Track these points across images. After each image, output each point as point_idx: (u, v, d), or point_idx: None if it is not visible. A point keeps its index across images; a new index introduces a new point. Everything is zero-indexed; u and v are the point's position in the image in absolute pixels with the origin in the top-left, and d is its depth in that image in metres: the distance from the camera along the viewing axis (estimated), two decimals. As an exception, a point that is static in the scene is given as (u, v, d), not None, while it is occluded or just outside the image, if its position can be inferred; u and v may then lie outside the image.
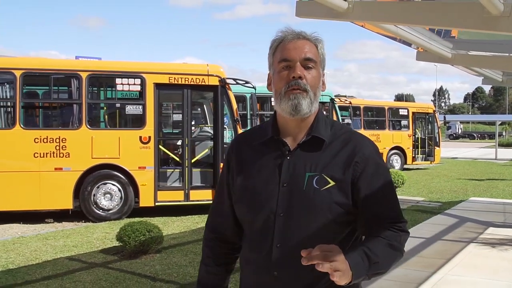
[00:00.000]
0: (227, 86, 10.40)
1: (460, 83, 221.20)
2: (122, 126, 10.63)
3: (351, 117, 18.85)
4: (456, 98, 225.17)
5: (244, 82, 10.75)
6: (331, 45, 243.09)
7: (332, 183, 1.72)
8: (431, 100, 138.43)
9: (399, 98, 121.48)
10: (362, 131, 20.58)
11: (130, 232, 6.96)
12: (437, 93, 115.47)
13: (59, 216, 10.25)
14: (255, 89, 10.87)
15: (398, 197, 6.54)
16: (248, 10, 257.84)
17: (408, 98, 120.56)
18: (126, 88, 10.14)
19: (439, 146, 23.58)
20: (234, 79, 10.60)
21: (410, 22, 5.20)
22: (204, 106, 12.41)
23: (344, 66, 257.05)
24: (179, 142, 10.93)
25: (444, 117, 27.48)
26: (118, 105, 10.74)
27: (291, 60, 1.75)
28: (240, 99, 13.61)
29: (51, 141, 9.73)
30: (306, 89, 1.74)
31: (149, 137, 10.05)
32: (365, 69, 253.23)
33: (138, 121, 10.29)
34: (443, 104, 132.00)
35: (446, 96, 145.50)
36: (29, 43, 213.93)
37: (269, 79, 1.86)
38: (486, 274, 6.36)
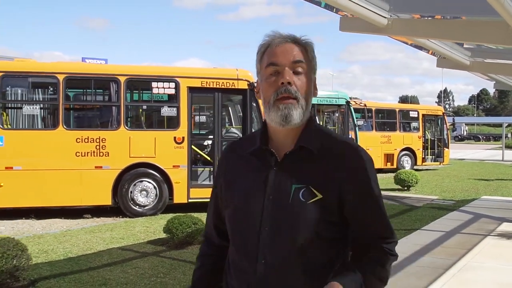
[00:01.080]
0: (255, 90, 11.03)
1: (464, 85, 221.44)
2: (157, 127, 11.28)
3: (366, 119, 19.45)
4: (460, 100, 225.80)
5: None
6: (335, 47, 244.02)
7: (319, 196, 1.64)
8: (435, 102, 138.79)
9: (403, 100, 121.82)
10: (374, 133, 21.39)
11: (178, 225, 7.61)
12: (442, 94, 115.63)
13: (95, 212, 10.90)
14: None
15: (413, 195, 7.61)
16: (251, 12, 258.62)
17: (413, 100, 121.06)
18: (161, 91, 10.82)
19: (448, 148, 24.20)
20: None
21: (441, 37, 5.84)
22: (229, 108, 13.05)
23: (348, 68, 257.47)
24: (209, 142, 11.57)
25: (453, 119, 28.13)
26: (154, 107, 11.41)
27: (279, 65, 1.66)
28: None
29: (92, 141, 10.40)
30: (297, 97, 1.66)
31: (183, 138, 10.71)
32: (368, 70, 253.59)
33: (172, 123, 10.95)
34: (447, 106, 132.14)
35: (451, 98, 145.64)
36: (34, 44, 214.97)
37: (257, 86, 1.78)
38: (505, 262, 7.00)
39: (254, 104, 11.05)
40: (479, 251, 7.56)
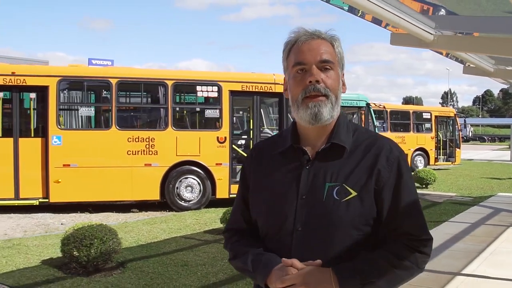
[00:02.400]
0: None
1: (467, 86, 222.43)
2: (202, 127, 12.14)
3: (385, 120, 20.32)
4: (464, 100, 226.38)
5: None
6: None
7: (353, 193, 1.61)
8: (439, 103, 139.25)
9: (407, 101, 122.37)
10: (388, 134, 22.23)
11: (234, 215, 8.48)
12: (449, 95, 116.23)
13: (139, 206, 11.76)
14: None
15: (432, 193, 8.81)
16: (254, 12, 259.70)
17: (417, 101, 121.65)
18: (205, 94, 11.71)
19: (459, 148, 25.03)
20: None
21: (479, 51, 6.71)
22: (266, 110, 13.92)
23: (351, 68, 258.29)
24: (248, 142, 12.43)
25: (464, 120, 29.02)
26: (198, 109, 12.29)
27: (306, 64, 1.64)
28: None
29: (142, 141, 11.28)
30: (327, 94, 1.64)
31: (225, 138, 11.59)
32: (372, 71, 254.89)
33: (215, 123, 11.83)
34: (451, 107, 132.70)
35: (454, 98, 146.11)
36: (37, 45, 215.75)
37: (285, 84, 1.77)
38: (531, 248, 7.87)
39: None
40: (505, 238, 8.42)
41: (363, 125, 18.17)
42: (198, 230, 9.25)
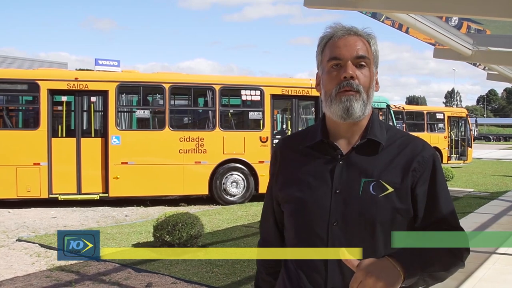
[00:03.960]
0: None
1: (470, 85, 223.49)
2: (246, 128, 13.23)
3: (404, 121, 21.42)
4: (467, 100, 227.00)
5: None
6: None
7: (390, 189, 1.61)
8: (443, 102, 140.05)
9: (410, 100, 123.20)
10: (404, 133, 23.34)
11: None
12: (454, 95, 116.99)
13: (186, 201, 12.85)
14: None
15: (452, 188, 10.41)
16: (257, 11, 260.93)
17: (421, 101, 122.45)
18: (249, 98, 12.83)
19: (471, 147, 26.12)
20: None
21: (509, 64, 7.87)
22: (303, 112, 15.01)
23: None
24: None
25: (476, 120, 30.05)
26: (243, 111, 13.40)
27: (341, 59, 1.64)
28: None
29: (192, 140, 12.40)
30: (359, 90, 1.63)
31: (267, 137, 12.71)
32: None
33: (258, 124, 12.94)
34: (454, 107, 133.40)
35: (458, 98, 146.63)
36: (40, 45, 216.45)
37: (317, 78, 1.76)
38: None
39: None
40: (528, 226, 9.55)
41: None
42: (253, 220, 10.35)
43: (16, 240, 8.56)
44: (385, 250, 1.60)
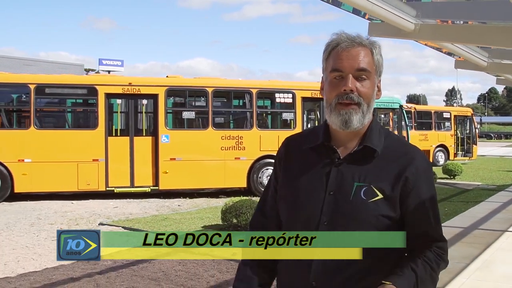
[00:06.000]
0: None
1: (471, 83, 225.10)
2: (279, 127, 14.66)
3: (415, 120, 22.94)
4: (467, 98, 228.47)
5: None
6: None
7: (380, 196, 1.68)
8: (443, 101, 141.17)
9: (411, 98, 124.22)
10: (413, 132, 24.85)
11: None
12: (457, 93, 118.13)
13: (224, 193, 14.30)
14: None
15: (461, 182, 12.56)
16: (256, 10, 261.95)
17: (421, 99, 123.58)
18: (282, 100, 14.35)
19: (476, 144, 27.60)
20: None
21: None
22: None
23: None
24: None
25: (480, 119, 31.60)
26: (277, 112, 14.91)
27: (343, 71, 1.70)
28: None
29: (232, 138, 13.90)
30: (360, 102, 1.70)
31: (298, 136, 14.20)
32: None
33: (290, 124, 14.43)
34: (455, 105, 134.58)
35: (458, 96, 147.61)
36: (40, 44, 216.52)
37: (322, 83, 1.82)
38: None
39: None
40: (534, 212, 11.06)
41: (396, 124, 20.79)
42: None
43: (99, 224, 10.04)
44: (367, 251, 1.68)
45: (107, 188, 13.38)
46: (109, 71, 37.46)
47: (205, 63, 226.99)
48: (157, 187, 13.63)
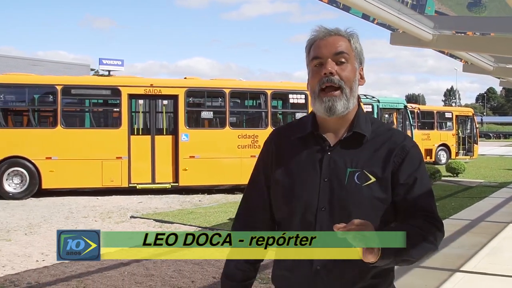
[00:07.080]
0: (359, 100, 15.36)
1: (469, 83, 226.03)
2: (293, 127, 15.40)
3: (419, 119, 23.72)
4: (466, 98, 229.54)
5: (371, 97, 15.65)
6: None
7: (373, 179, 1.74)
8: (442, 101, 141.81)
9: (409, 98, 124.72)
10: (415, 131, 25.57)
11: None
12: (456, 93, 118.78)
13: (239, 190, 14.99)
14: (379, 102, 15.76)
15: (465, 179, 13.55)
16: (255, 9, 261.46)
17: (420, 99, 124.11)
18: (295, 101, 15.09)
19: (477, 144, 28.34)
20: (364, 95, 15.51)
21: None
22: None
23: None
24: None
25: (481, 119, 32.33)
26: (290, 112, 15.63)
27: (322, 57, 1.76)
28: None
29: (248, 137, 14.62)
30: (341, 86, 1.75)
31: (311, 135, 14.95)
32: (374, 68, 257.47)
33: (303, 124, 15.13)
34: (453, 105, 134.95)
35: (457, 96, 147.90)
36: (39, 44, 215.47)
37: (308, 79, 1.86)
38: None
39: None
40: (535, 206, 11.80)
41: (401, 124, 21.54)
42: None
43: (130, 217, 10.74)
44: None
45: (130, 185, 14.07)
46: (109, 71, 37.90)
47: (204, 63, 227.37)
48: (177, 184, 14.33)
